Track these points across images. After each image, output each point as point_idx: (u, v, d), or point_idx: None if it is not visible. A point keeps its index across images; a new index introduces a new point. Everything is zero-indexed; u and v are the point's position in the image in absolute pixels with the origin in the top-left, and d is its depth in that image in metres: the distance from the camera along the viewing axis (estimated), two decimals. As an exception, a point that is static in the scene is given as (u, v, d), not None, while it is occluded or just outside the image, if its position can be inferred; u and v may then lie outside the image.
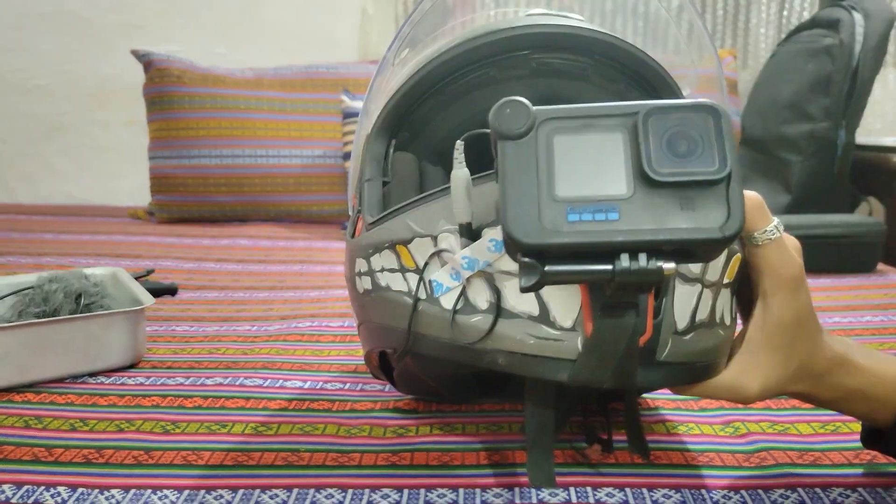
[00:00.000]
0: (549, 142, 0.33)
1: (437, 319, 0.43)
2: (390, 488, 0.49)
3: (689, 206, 0.32)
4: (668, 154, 0.32)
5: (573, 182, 0.32)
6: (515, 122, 0.33)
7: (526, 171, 0.32)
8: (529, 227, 0.32)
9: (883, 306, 0.92)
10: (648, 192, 0.32)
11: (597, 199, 0.32)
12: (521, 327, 0.40)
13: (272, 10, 1.91)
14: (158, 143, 1.64)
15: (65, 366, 0.68)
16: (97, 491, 0.49)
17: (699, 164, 0.32)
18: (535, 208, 0.32)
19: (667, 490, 0.48)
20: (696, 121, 0.32)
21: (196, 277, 1.11)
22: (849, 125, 1.43)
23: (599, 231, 0.31)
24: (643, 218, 0.31)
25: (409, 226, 0.45)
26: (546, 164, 0.33)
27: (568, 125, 0.33)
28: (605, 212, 0.32)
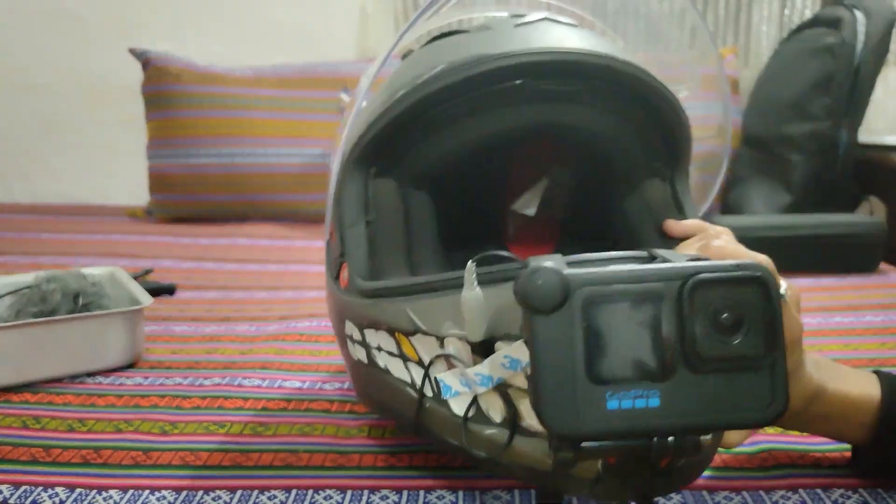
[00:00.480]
0: (585, 314, 0.30)
1: (448, 422, 0.42)
2: (389, 489, 0.49)
3: (732, 387, 0.30)
4: (713, 332, 0.30)
5: (612, 361, 0.30)
6: (548, 294, 0.30)
7: (560, 349, 0.30)
8: (566, 414, 0.30)
9: (884, 306, 0.92)
10: (692, 373, 0.30)
11: (637, 383, 0.30)
12: (540, 446, 0.39)
13: (271, 8, 1.90)
14: (157, 142, 1.64)
15: (63, 366, 0.67)
16: (95, 491, 0.48)
17: (745, 346, 0.30)
18: (571, 392, 0.30)
19: (668, 491, 0.48)
20: (745, 294, 0.30)
21: (194, 277, 1.11)
22: (850, 124, 1.43)
23: (639, 419, 0.30)
24: (684, 402, 0.30)
25: (411, 318, 0.43)
26: (582, 342, 0.30)
27: (606, 293, 0.30)
28: (645, 398, 0.30)
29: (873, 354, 0.74)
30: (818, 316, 0.88)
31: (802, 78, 1.50)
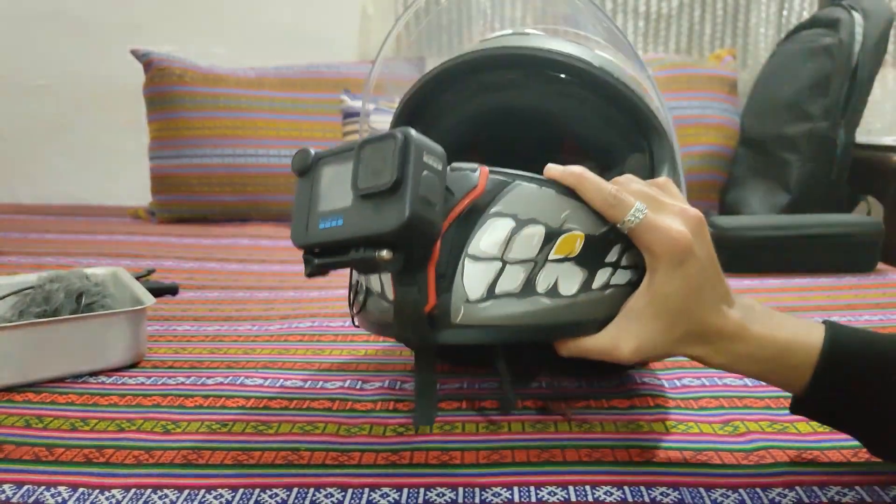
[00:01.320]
0: (317, 174, 0.48)
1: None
2: (390, 487, 0.49)
3: (378, 210, 0.44)
4: (368, 174, 0.44)
5: (327, 200, 0.47)
6: (302, 163, 0.49)
7: (305, 196, 0.48)
8: (300, 233, 0.47)
9: (882, 305, 0.93)
10: (359, 203, 0.45)
11: (333, 211, 0.46)
12: (374, 302, 0.53)
13: (272, 10, 1.91)
14: (159, 143, 1.64)
15: (65, 365, 0.68)
16: (98, 490, 0.49)
17: (382, 178, 0.43)
18: (305, 221, 0.47)
19: (665, 488, 0.49)
20: (386, 146, 0.44)
21: (197, 277, 1.11)
22: (848, 125, 1.43)
23: (331, 233, 0.45)
24: (355, 222, 0.45)
25: None
26: (314, 191, 0.48)
27: (331, 161, 0.48)
28: (335, 220, 0.45)
29: (871, 354, 0.75)
30: (816, 315, 0.88)
31: (800, 79, 1.51)
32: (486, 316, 0.48)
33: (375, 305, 0.53)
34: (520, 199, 0.48)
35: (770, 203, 1.50)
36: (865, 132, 1.83)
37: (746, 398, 0.63)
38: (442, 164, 0.45)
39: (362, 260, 0.44)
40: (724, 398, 0.63)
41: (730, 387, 0.66)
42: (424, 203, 0.43)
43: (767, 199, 1.51)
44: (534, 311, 0.49)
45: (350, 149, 0.46)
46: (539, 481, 0.50)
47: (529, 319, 0.49)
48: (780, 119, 1.54)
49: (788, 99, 1.52)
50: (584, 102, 0.62)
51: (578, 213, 0.49)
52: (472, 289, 0.48)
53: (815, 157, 1.45)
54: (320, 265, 0.47)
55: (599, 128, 0.64)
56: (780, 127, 1.53)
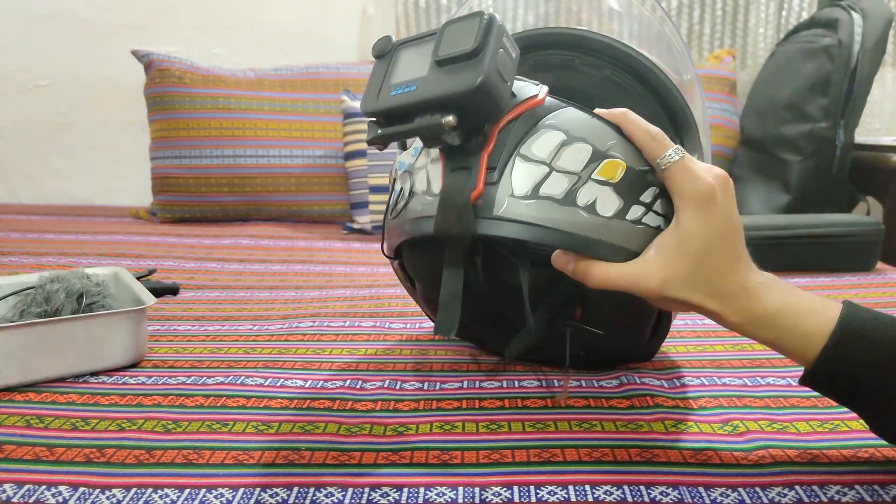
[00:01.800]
0: (395, 55, 0.51)
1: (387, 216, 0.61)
2: (390, 486, 0.49)
3: (455, 74, 0.46)
4: (449, 45, 0.48)
5: (401, 74, 0.50)
6: (382, 48, 0.52)
7: (380, 74, 0.51)
8: (369, 101, 0.50)
9: (881, 305, 0.93)
10: (436, 70, 0.48)
11: (407, 80, 0.49)
12: (418, 200, 0.54)
13: (272, 10, 1.91)
14: (160, 144, 1.65)
15: (66, 365, 0.68)
16: (98, 490, 0.49)
17: (462, 47, 0.47)
18: (376, 91, 0.50)
19: (664, 487, 0.49)
20: (471, 22, 0.47)
21: (197, 277, 1.11)
22: (847, 125, 1.43)
23: (402, 98, 0.48)
24: (428, 86, 0.47)
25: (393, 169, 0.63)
26: (390, 68, 0.51)
27: (407, 45, 0.51)
28: (409, 86, 0.48)
29: (870, 353, 0.75)
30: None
31: (799, 79, 1.51)
32: (527, 213, 0.50)
33: (418, 202, 0.54)
34: (572, 120, 0.51)
35: (770, 203, 1.50)
36: (865, 132, 1.83)
37: (746, 398, 0.64)
38: (516, 53, 0.49)
39: (428, 126, 0.46)
40: (724, 398, 0.64)
41: (729, 386, 0.66)
42: (497, 75, 0.46)
43: (767, 200, 1.51)
44: (571, 221, 0.50)
45: (429, 34, 0.50)
46: (539, 481, 0.50)
47: (566, 227, 0.50)
48: (779, 119, 1.54)
49: (788, 99, 1.52)
50: (629, 91, 0.64)
51: (623, 145, 0.52)
52: (518, 184, 0.50)
53: (815, 157, 1.45)
54: (384, 134, 0.49)
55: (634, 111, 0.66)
56: (780, 127, 1.53)
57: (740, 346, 0.77)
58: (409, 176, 0.56)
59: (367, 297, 0.98)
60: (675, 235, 0.50)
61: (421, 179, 0.54)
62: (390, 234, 0.60)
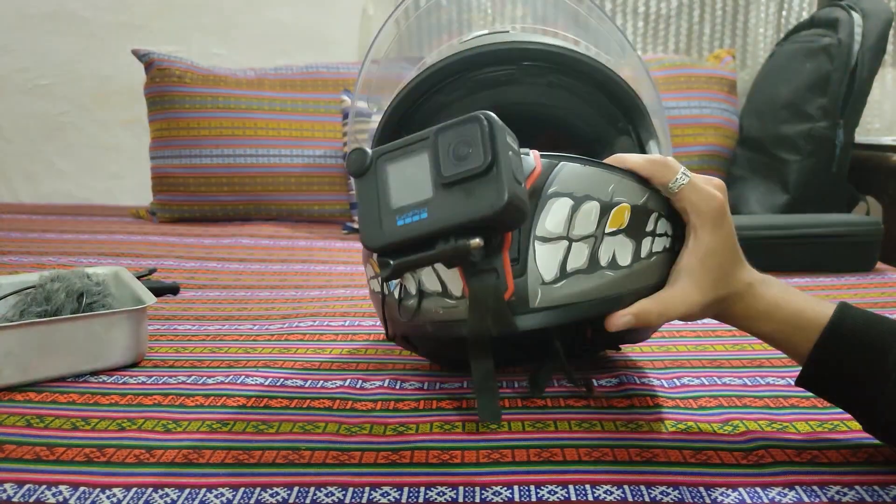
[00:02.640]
0: (383, 172, 0.46)
1: (393, 307, 0.56)
2: (390, 486, 0.49)
3: (472, 196, 0.43)
4: (452, 160, 0.43)
5: (400, 196, 0.45)
6: (360, 164, 0.46)
7: (371, 196, 0.46)
8: (374, 234, 0.45)
9: (881, 305, 0.93)
10: (444, 192, 0.43)
11: (413, 205, 0.44)
12: (434, 302, 0.52)
13: (272, 10, 1.91)
14: (160, 143, 1.65)
15: (67, 365, 0.68)
16: (99, 490, 0.49)
17: (472, 163, 0.43)
18: (377, 221, 0.45)
19: (665, 487, 0.49)
20: (470, 130, 0.43)
21: (198, 277, 1.11)
22: (847, 125, 1.43)
23: (417, 228, 0.44)
24: (442, 212, 0.43)
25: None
26: (383, 188, 0.45)
27: (393, 156, 0.46)
28: (418, 213, 0.44)
29: (870, 353, 0.75)
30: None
31: (799, 79, 1.51)
32: (562, 295, 0.49)
33: (436, 305, 0.51)
34: (571, 177, 0.50)
35: (769, 203, 1.50)
36: (864, 132, 1.83)
37: (746, 398, 0.64)
38: (517, 145, 0.46)
39: (453, 251, 0.43)
40: (724, 398, 0.64)
41: (729, 386, 0.66)
42: (516, 183, 0.43)
43: (766, 199, 1.51)
44: (601, 285, 0.50)
45: (413, 142, 0.45)
46: (539, 480, 0.50)
47: (598, 293, 0.50)
48: (779, 119, 1.54)
49: (787, 99, 1.52)
50: (573, 91, 0.64)
51: (622, 184, 0.51)
52: (546, 270, 0.49)
53: (814, 157, 1.45)
54: (401, 265, 0.45)
55: (588, 115, 0.65)
56: (779, 127, 1.53)
57: (740, 346, 0.77)
58: (412, 273, 0.52)
59: (367, 296, 0.98)
60: (697, 254, 0.52)
61: (430, 279, 0.51)
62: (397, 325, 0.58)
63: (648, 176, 0.53)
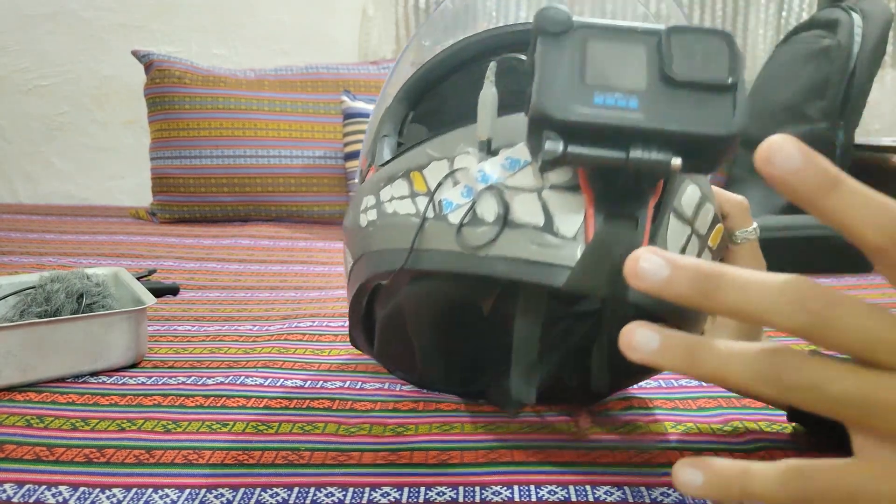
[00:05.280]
0: (582, 43, 0.35)
1: (443, 233, 0.44)
2: (390, 486, 0.49)
3: (701, 105, 0.34)
4: (685, 62, 0.35)
5: (601, 74, 0.35)
6: (556, 21, 0.35)
7: (560, 61, 0.35)
8: (559, 102, 0.34)
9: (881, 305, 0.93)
10: (667, 89, 0.34)
11: (622, 89, 0.34)
12: (526, 236, 0.41)
13: (272, 11, 1.91)
14: (160, 144, 1.65)
15: (66, 365, 0.68)
16: (98, 490, 0.49)
17: (712, 73, 0.35)
18: (565, 89, 0.34)
19: (665, 488, 0.49)
20: (713, 41, 0.35)
21: (197, 277, 1.11)
22: (847, 126, 1.43)
23: (620, 115, 0.34)
24: (660, 110, 0.34)
25: (427, 153, 0.46)
26: (579, 59, 0.35)
27: (599, 34, 0.36)
28: (626, 100, 0.34)
29: (869, 354, 0.75)
30: (815, 316, 0.88)
31: (799, 80, 1.51)
32: None
33: (528, 239, 0.41)
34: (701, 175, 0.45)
35: (769, 204, 1.50)
36: (864, 133, 1.83)
37: (746, 398, 0.64)
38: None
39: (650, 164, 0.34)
40: (723, 398, 0.64)
41: (729, 387, 0.66)
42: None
43: (767, 200, 1.51)
44: None
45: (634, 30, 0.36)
46: (539, 480, 0.50)
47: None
48: (778, 120, 1.54)
49: (787, 100, 1.52)
50: None
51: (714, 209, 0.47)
52: (671, 248, 0.42)
53: (815, 158, 1.45)
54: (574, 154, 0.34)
55: None
56: (779, 128, 1.53)
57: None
58: (498, 196, 0.42)
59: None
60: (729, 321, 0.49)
61: (529, 207, 0.41)
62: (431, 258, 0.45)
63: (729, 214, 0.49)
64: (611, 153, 0.34)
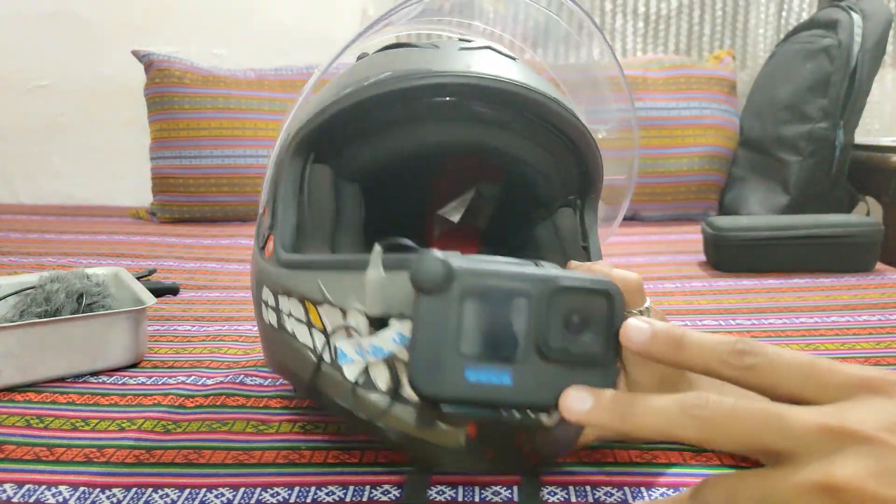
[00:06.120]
0: (461, 300, 0.35)
1: (339, 385, 0.45)
2: (391, 484, 0.49)
3: (571, 378, 0.35)
4: (563, 329, 0.35)
5: (477, 342, 0.35)
6: (433, 278, 0.35)
7: (436, 325, 0.35)
8: (431, 378, 0.35)
9: (881, 305, 0.93)
10: (540, 361, 0.35)
11: (496, 359, 0.35)
12: (413, 415, 0.42)
13: (272, 11, 1.91)
14: (160, 144, 1.65)
15: (66, 365, 0.68)
16: (99, 490, 0.49)
17: (587, 345, 0.35)
18: (438, 361, 0.35)
19: (665, 489, 0.49)
20: (595, 304, 0.35)
21: (197, 277, 1.11)
22: (847, 125, 1.44)
23: (492, 392, 0.35)
24: (531, 385, 0.35)
25: (321, 288, 0.46)
26: (455, 322, 0.35)
27: (479, 293, 0.35)
28: (499, 375, 0.35)
29: (869, 353, 0.75)
30: (815, 316, 0.88)
31: (799, 79, 1.51)
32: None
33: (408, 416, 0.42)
34: None
35: (769, 203, 1.50)
36: (864, 133, 1.83)
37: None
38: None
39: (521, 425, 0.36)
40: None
41: (729, 387, 0.66)
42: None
43: (767, 200, 1.51)
44: None
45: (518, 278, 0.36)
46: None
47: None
48: (779, 120, 1.54)
49: (787, 100, 1.52)
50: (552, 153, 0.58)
51: None
52: None
53: (814, 158, 1.45)
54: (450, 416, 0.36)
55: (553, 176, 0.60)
56: (779, 128, 1.53)
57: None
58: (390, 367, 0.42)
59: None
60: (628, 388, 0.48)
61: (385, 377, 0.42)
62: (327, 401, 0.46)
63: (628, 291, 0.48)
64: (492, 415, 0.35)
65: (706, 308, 0.93)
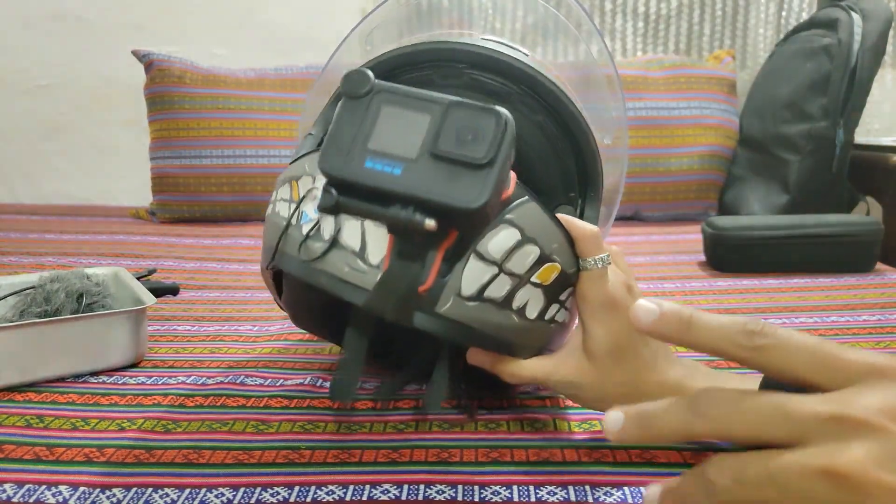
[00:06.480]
0: (377, 108, 0.42)
1: (296, 241, 0.50)
2: (390, 484, 0.49)
3: (454, 179, 0.40)
4: (452, 138, 0.41)
5: (383, 140, 0.41)
6: (357, 84, 0.43)
7: (352, 124, 0.42)
8: (335, 161, 0.41)
9: (880, 305, 0.93)
10: (429, 161, 0.41)
11: (390, 155, 0.41)
12: (344, 258, 0.47)
13: (272, 11, 1.91)
14: (160, 143, 1.65)
15: (66, 365, 0.68)
16: (99, 490, 0.49)
17: (472, 151, 0.40)
18: (346, 151, 0.41)
19: (664, 487, 0.49)
20: (484, 120, 0.41)
21: (197, 277, 1.11)
22: (847, 125, 1.43)
23: (380, 178, 0.41)
24: (417, 179, 0.40)
25: (304, 166, 0.53)
26: (369, 123, 0.42)
27: (394, 100, 0.42)
28: (392, 167, 0.41)
29: (869, 353, 0.75)
30: (815, 315, 0.88)
31: (799, 79, 1.51)
32: (467, 315, 0.48)
33: (344, 261, 0.47)
34: (529, 216, 0.49)
35: (769, 203, 1.50)
36: (865, 132, 1.83)
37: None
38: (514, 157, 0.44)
39: (405, 223, 0.40)
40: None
41: (729, 386, 0.66)
42: (497, 194, 0.41)
43: (766, 200, 1.51)
44: (503, 325, 0.50)
45: (420, 98, 0.42)
46: (538, 481, 0.50)
47: (495, 330, 0.49)
48: (779, 119, 1.54)
49: (787, 99, 1.52)
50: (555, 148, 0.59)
51: (563, 247, 0.51)
52: (466, 284, 0.47)
53: (814, 157, 1.45)
54: (347, 206, 0.41)
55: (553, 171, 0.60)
56: (779, 127, 1.53)
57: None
58: (335, 218, 0.48)
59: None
60: (580, 340, 0.52)
61: (352, 233, 0.47)
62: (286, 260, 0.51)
63: (577, 240, 0.51)
64: (375, 208, 0.41)
65: (706, 308, 0.93)
